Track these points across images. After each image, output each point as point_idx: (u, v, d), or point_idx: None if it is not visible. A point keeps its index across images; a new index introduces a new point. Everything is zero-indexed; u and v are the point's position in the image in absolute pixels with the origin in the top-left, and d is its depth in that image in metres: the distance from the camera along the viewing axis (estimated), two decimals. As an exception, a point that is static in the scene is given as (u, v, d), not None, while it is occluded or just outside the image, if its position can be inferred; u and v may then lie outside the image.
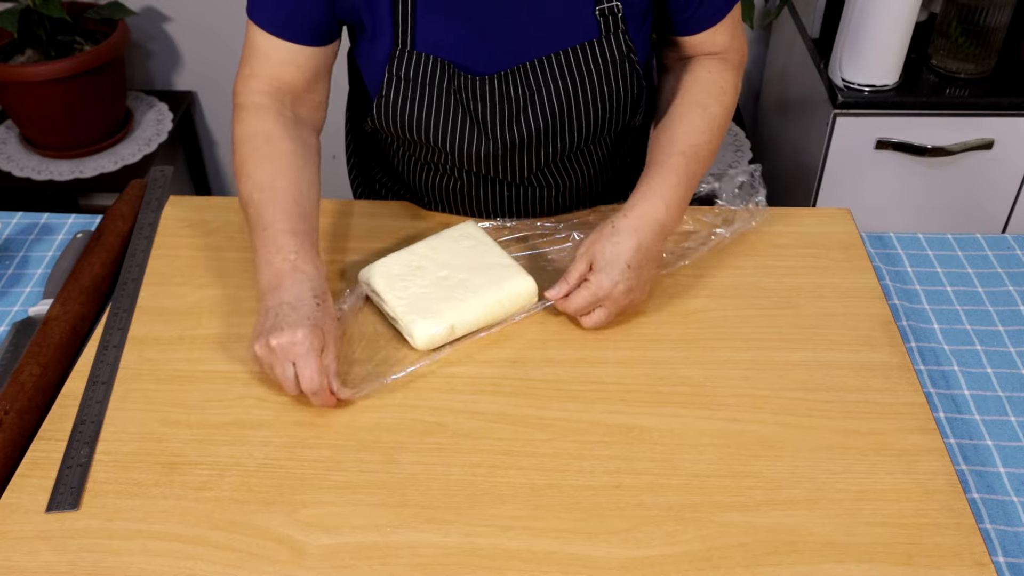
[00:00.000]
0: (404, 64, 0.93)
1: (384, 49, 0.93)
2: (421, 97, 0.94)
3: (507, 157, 0.98)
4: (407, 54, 0.92)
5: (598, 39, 0.93)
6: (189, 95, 2.19)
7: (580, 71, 0.94)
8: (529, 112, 0.95)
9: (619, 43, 0.94)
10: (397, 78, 0.93)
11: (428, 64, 0.92)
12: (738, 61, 1.02)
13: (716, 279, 0.98)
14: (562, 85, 0.94)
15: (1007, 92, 1.65)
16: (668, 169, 0.93)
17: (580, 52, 0.93)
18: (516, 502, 0.76)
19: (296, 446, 0.81)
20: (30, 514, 0.76)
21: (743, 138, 2.04)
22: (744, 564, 0.72)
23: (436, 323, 0.88)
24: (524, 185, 1.04)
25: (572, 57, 0.93)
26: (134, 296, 0.96)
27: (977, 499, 0.79)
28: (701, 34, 0.98)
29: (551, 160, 1.00)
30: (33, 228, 1.09)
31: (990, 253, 1.06)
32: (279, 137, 0.92)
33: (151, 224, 1.05)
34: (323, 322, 0.83)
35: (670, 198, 0.92)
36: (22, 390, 0.84)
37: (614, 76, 0.95)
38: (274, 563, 0.72)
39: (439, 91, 0.93)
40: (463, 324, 0.89)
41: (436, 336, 0.88)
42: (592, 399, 0.85)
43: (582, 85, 0.94)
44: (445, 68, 0.93)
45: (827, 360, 0.89)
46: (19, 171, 1.97)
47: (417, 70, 0.93)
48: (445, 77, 0.93)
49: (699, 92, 0.97)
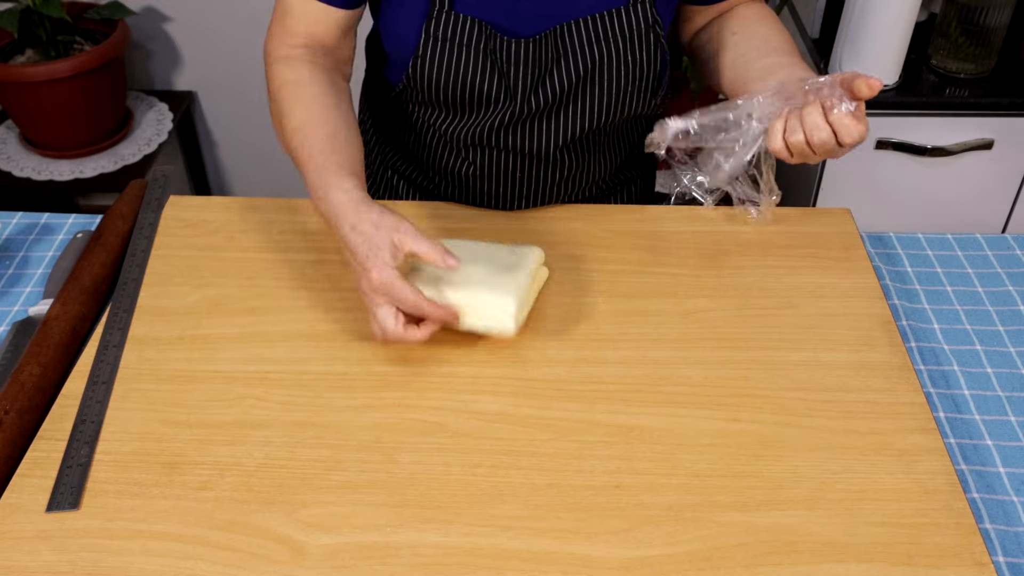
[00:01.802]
0: (442, 25, 0.94)
1: (419, 8, 0.94)
2: (458, 58, 0.95)
3: (529, 121, 0.99)
4: (445, 14, 0.93)
5: (625, 7, 0.95)
6: (189, 95, 2.19)
7: (606, 37, 0.95)
8: (555, 75, 0.96)
9: (645, 13, 0.96)
10: (435, 38, 0.94)
11: (466, 25, 0.94)
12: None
13: (716, 279, 0.98)
14: (588, 50, 0.95)
15: (1007, 92, 1.65)
16: (789, 47, 0.96)
17: (607, 18, 0.95)
18: (516, 502, 0.77)
19: (296, 446, 0.81)
20: (30, 514, 0.76)
21: (743, 138, 2.04)
22: (744, 564, 0.72)
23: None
24: (537, 166, 1.04)
25: (600, 23, 0.95)
26: (134, 296, 0.96)
27: (977, 499, 0.79)
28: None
29: (570, 132, 1.01)
30: (33, 228, 1.09)
31: (990, 253, 1.06)
32: (309, 82, 0.94)
33: (151, 224, 1.05)
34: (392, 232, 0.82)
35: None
36: (22, 390, 0.84)
37: (638, 45, 0.96)
38: (274, 563, 0.72)
39: (476, 52, 0.95)
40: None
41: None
42: (592, 399, 0.85)
43: (608, 51, 0.96)
44: (483, 29, 0.94)
45: (827, 360, 0.89)
46: (19, 171, 1.98)
47: (455, 30, 0.94)
48: (483, 38, 0.94)
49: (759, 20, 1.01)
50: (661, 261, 1.00)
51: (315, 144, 0.89)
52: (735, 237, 1.03)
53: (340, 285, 0.97)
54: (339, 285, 0.97)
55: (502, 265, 0.91)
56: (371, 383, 0.87)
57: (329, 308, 0.94)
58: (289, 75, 0.95)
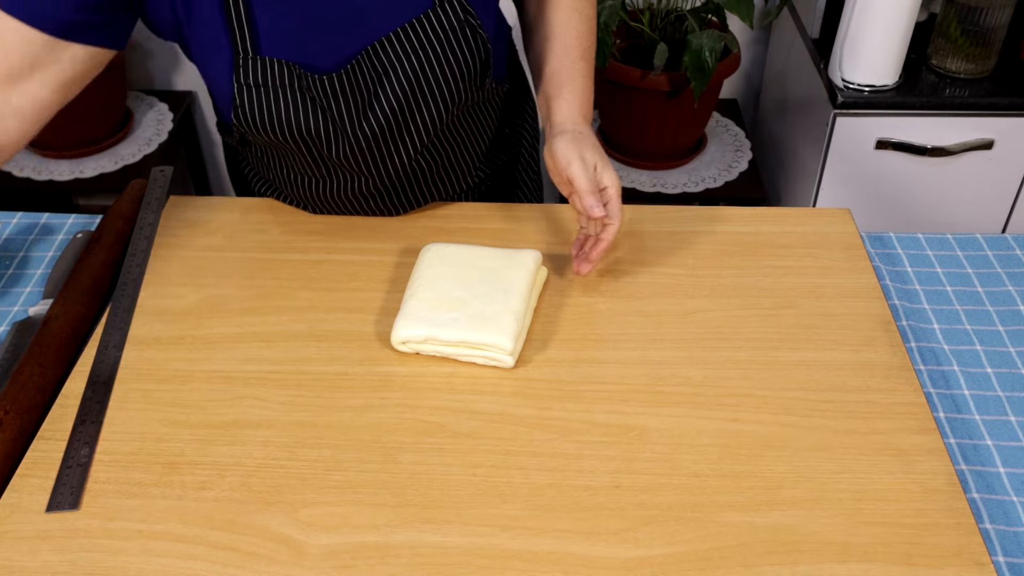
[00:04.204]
0: (250, 71, 0.90)
1: (225, 59, 0.90)
2: (276, 100, 0.91)
3: (371, 150, 0.97)
4: (251, 60, 0.90)
5: (432, 9, 0.92)
6: (189, 95, 2.19)
7: (421, 45, 0.92)
8: (381, 98, 0.93)
9: (453, 8, 0.92)
10: (247, 86, 0.91)
11: (274, 68, 0.90)
12: None
13: (716, 279, 0.98)
14: (406, 63, 0.92)
15: (1007, 92, 1.65)
16: (578, 73, 0.99)
17: (417, 26, 0.92)
18: (516, 502, 0.77)
19: (296, 446, 0.81)
20: (30, 514, 0.76)
21: (743, 138, 2.04)
22: (744, 564, 0.72)
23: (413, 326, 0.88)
24: (399, 177, 1.02)
25: (410, 33, 0.91)
26: (134, 296, 0.96)
27: (977, 499, 0.79)
28: None
29: (414, 143, 0.98)
30: (33, 228, 1.09)
31: (990, 253, 1.06)
32: None
33: (151, 224, 1.05)
34: None
35: (588, 100, 0.99)
36: (22, 390, 0.84)
37: (456, 43, 0.93)
38: (274, 563, 0.72)
39: (291, 91, 0.91)
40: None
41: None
42: (592, 399, 0.85)
43: (426, 59, 0.92)
44: (292, 70, 0.90)
45: (827, 360, 0.89)
46: (19, 171, 1.97)
47: (265, 75, 0.90)
48: (294, 78, 0.91)
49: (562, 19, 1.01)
50: (661, 261, 1.00)
51: None
52: (735, 237, 1.03)
53: (340, 285, 0.97)
54: (339, 285, 0.97)
55: (497, 287, 0.91)
56: (371, 383, 0.87)
57: (329, 308, 0.94)
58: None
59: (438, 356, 0.89)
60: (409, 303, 0.90)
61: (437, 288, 0.91)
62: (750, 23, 1.69)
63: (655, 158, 1.93)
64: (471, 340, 0.87)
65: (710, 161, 1.98)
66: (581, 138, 0.93)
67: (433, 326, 0.87)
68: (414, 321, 0.88)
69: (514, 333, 0.87)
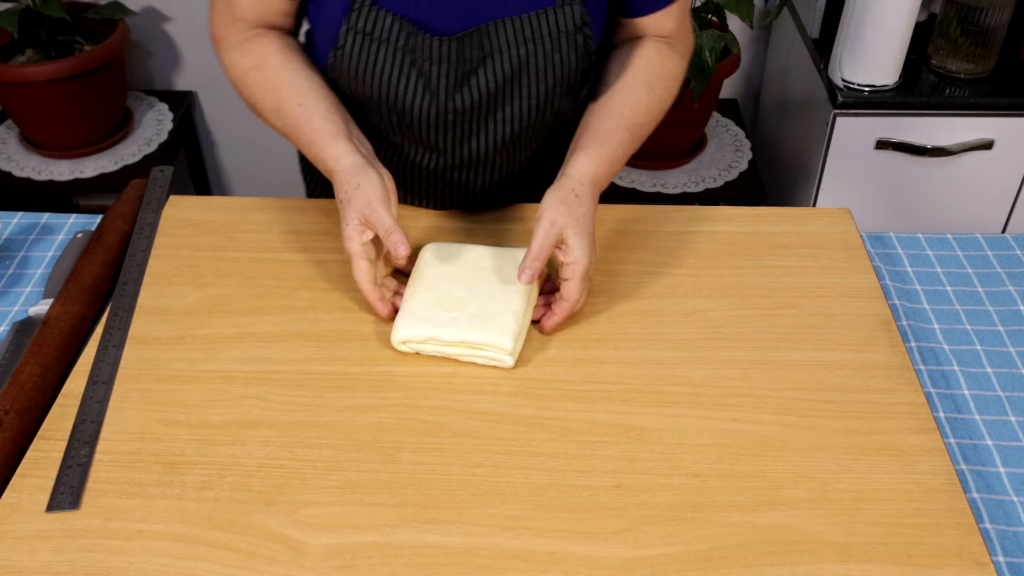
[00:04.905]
0: (363, 19, 0.93)
1: (341, 2, 0.93)
2: (376, 53, 0.94)
3: (453, 124, 0.98)
4: (367, 8, 0.92)
5: (553, 8, 0.93)
6: (189, 95, 2.19)
7: (532, 38, 0.94)
8: (480, 77, 0.95)
9: (573, 14, 0.94)
10: (354, 31, 0.93)
11: (387, 21, 0.93)
12: (684, 50, 1.03)
13: (716, 279, 0.98)
14: (514, 50, 0.94)
15: (1007, 92, 1.65)
16: (616, 141, 0.95)
17: (535, 18, 0.93)
18: (516, 502, 0.77)
19: (296, 446, 0.81)
20: (30, 514, 0.76)
21: (743, 138, 2.04)
22: (744, 564, 0.72)
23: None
24: (466, 168, 1.03)
25: (527, 23, 0.93)
26: (134, 296, 0.96)
27: (977, 499, 0.79)
28: (651, 16, 0.99)
29: (499, 134, 1.00)
30: (33, 228, 1.09)
31: (990, 253, 1.06)
32: (267, 62, 0.96)
33: (151, 224, 1.05)
34: (361, 207, 0.88)
35: (611, 170, 0.95)
36: (22, 390, 0.84)
37: (566, 47, 0.94)
38: (274, 563, 0.72)
39: (394, 49, 0.93)
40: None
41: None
42: (592, 399, 0.85)
43: (534, 52, 0.94)
44: (403, 26, 0.93)
45: (827, 360, 0.89)
46: (19, 171, 1.97)
47: (376, 25, 0.93)
48: (403, 35, 0.93)
49: (648, 72, 0.99)
50: (661, 261, 1.00)
51: (295, 121, 0.94)
52: (735, 237, 1.03)
53: (340, 285, 0.97)
54: (339, 285, 0.97)
55: (497, 286, 0.91)
56: (371, 383, 0.87)
57: (329, 308, 0.94)
58: (247, 61, 0.97)
59: (438, 356, 0.89)
60: (409, 303, 0.90)
61: (438, 288, 0.91)
62: (750, 23, 1.69)
63: (655, 158, 1.93)
64: (471, 340, 0.87)
65: (710, 161, 1.98)
66: (572, 203, 0.89)
67: (433, 326, 0.87)
68: (414, 321, 0.88)
69: (514, 333, 0.87)
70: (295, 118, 0.94)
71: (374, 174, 0.89)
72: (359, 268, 0.89)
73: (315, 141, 0.92)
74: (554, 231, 0.88)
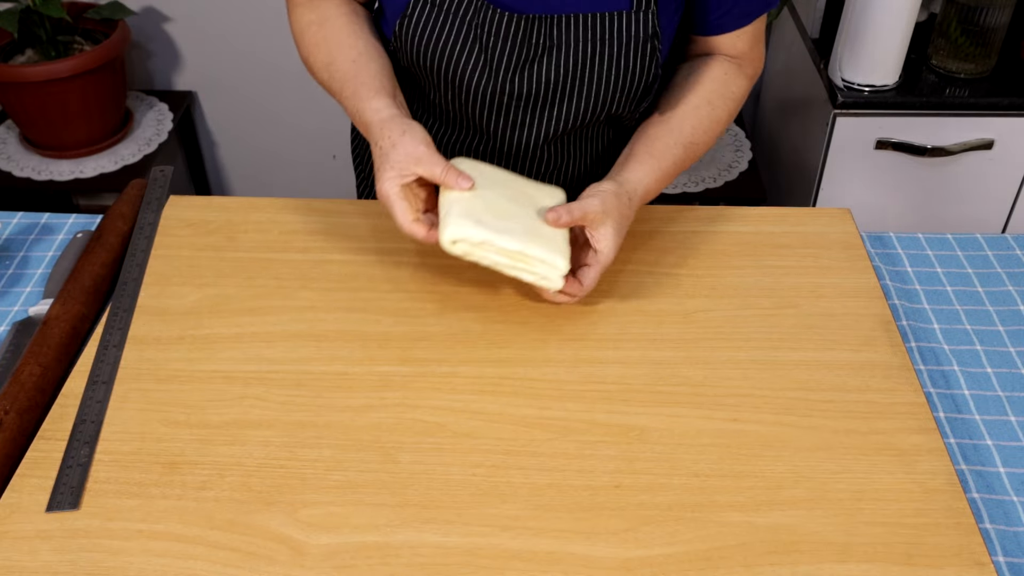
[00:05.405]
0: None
1: None
2: (444, 23, 0.94)
3: (507, 108, 0.98)
4: None
5: (628, 12, 0.94)
6: (189, 95, 2.19)
7: (603, 38, 0.94)
8: (544, 63, 0.95)
9: (647, 22, 0.94)
10: (424, 1, 0.94)
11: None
12: (752, 72, 1.03)
13: (716, 279, 0.98)
14: (582, 46, 0.94)
15: (1007, 92, 1.65)
16: (671, 159, 0.96)
17: (608, 19, 0.94)
18: (516, 502, 0.77)
19: (296, 446, 0.81)
20: (30, 514, 0.76)
21: (743, 138, 2.04)
22: (744, 564, 0.72)
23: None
24: (515, 158, 1.03)
25: (599, 21, 0.94)
26: (134, 296, 0.96)
27: (977, 499, 0.79)
28: (725, 35, 0.99)
29: (552, 127, 1.00)
30: (33, 228, 1.09)
31: (990, 253, 1.06)
32: (329, 18, 0.98)
33: (151, 224, 1.05)
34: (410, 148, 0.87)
35: (660, 186, 0.96)
36: (22, 390, 0.84)
37: (634, 53, 0.95)
38: (274, 563, 0.72)
39: (460, 22, 0.94)
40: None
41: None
42: (592, 399, 0.85)
43: (601, 52, 0.94)
44: (472, 1, 0.93)
45: (827, 360, 0.89)
46: (19, 171, 1.98)
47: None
48: (471, 8, 0.93)
49: (712, 91, 0.99)
50: (661, 261, 1.00)
51: (344, 74, 0.95)
52: (735, 237, 1.03)
53: (340, 285, 0.97)
54: (339, 285, 0.97)
55: (539, 208, 0.89)
56: (371, 383, 0.87)
57: (329, 308, 0.94)
58: (311, 16, 0.99)
59: (480, 264, 0.86)
60: (460, 203, 0.85)
61: (482, 196, 0.87)
62: (750, 23, 1.69)
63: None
64: (531, 253, 0.84)
65: (710, 161, 1.98)
66: (624, 203, 0.91)
67: (491, 231, 0.83)
68: (471, 221, 0.83)
69: (567, 255, 0.86)
70: (343, 72, 0.95)
71: (417, 124, 0.89)
72: (399, 208, 0.87)
73: (359, 93, 0.93)
74: (599, 213, 0.88)
